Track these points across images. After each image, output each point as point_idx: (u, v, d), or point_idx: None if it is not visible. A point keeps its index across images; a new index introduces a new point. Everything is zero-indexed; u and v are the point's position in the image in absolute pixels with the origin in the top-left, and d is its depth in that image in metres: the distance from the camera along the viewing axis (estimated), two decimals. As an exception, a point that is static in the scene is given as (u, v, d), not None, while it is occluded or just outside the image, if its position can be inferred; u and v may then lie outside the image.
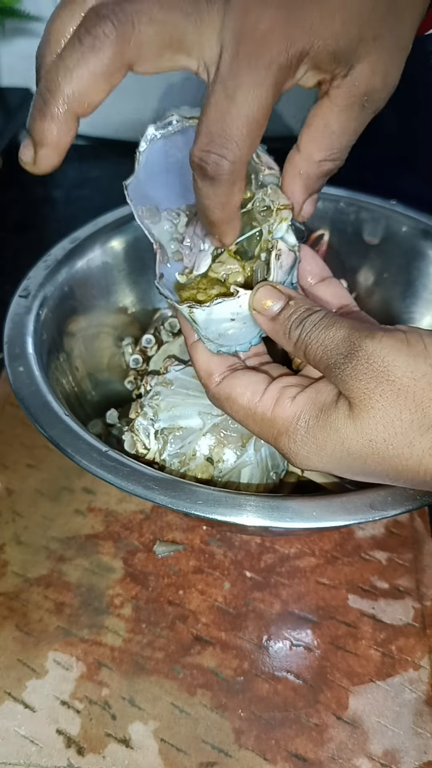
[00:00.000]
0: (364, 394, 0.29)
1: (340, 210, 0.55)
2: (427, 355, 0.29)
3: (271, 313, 0.34)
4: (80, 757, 0.38)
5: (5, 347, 0.43)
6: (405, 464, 0.29)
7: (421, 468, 0.29)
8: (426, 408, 0.28)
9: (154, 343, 0.49)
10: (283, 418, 0.32)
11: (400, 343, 0.29)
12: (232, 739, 0.39)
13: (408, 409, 0.28)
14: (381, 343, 0.29)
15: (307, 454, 0.31)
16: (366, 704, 0.41)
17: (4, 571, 0.47)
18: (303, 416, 0.32)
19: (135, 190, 0.37)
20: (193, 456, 0.40)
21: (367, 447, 0.29)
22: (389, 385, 0.28)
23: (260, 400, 0.34)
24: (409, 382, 0.28)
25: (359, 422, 0.29)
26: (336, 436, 0.30)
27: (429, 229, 0.52)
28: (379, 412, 0.29)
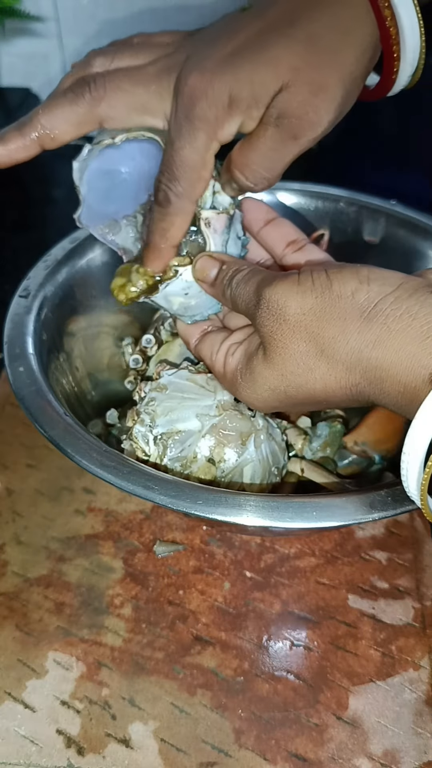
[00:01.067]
0: (269, 335, 0.33)
1: (340, 210, 0.55)
2: (313, 288, 0.32)
3: (210, 279, 0.39)
4: (80, 757, 0.38)
5: (5, 347, 0.43)
6: (313, 387, 0.33)
7: (328, 388, 0.32)
8: (316, 336, 0.32)
9: (154, 343, 0.49)
10: (229, 372, 0.38)
11: (291, 283, 0.33)
12: (232, 739, 0.39)
13: (303, 340, 0.32)
14: (276, 288, 0.33)
15: (249, 399, 0.37)
16: (366, 704, 0.41)
17: (4, 571, 0.47)
18: (239, 368, 0.37)
19: (89, 216, 0.41)
20: (194, 458, 0.40)
21: (282, 380, 0.34)
22: (285, 324, 0.32)
23: (216, 359, 0.39)
24: (300, 317, 0.32)
25: (270, 361, 0.34)
26: (260, 379, 0.35)
27: (429, 229, 0.52)
28: (282, 348, 0.33)
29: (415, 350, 0.28)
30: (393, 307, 0.29)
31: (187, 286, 0.40)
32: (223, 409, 0.41)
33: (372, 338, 0.30)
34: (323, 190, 0.56)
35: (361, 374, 0.31)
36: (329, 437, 0.47)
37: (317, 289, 0.32)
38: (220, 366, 0.39)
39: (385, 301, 0.30)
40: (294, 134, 0.36)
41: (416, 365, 0.28)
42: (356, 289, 0.31)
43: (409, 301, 0.29)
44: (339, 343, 0.31)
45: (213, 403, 0.41)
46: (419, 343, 0.28)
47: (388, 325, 0.29)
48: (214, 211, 0.40)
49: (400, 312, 0.29)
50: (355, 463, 0.47)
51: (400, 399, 0.30)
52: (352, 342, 0.30)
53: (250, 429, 0.41)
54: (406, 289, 0.30)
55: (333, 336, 0.31)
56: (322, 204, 0.55)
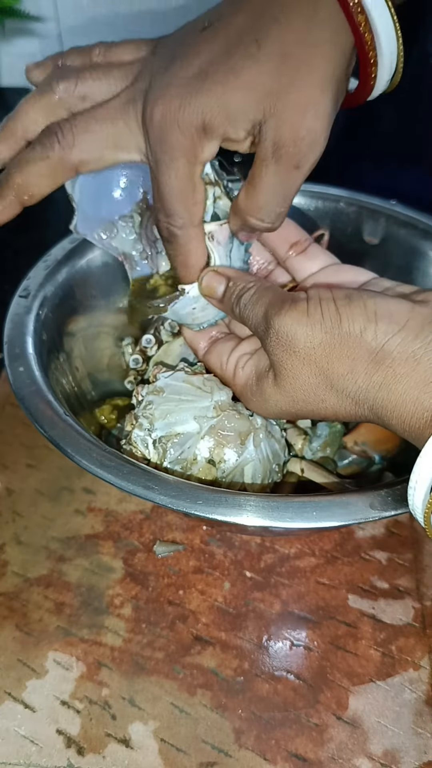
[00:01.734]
0: (280, 364, 0.34)
1: (340, 210, 0.55)
2: (322, 322, 0.32)
3: (218, 296, 0.40)
4: (80, 757, 0.38)
5: (5, 347, 0.43)
6: (325, 412, 0.34)
7: (338, 415, 0.34)
8: (326, 371, 0.33)
9: (154, 343, 0.49)
10: (240, 385, 0.39)
11: (300, 314, 0.33)
12: (232, 739, 0.39)
13: (313, 373, 0.33)
14: (285, 318, 0.33)
15: (258, 410, 0.38)
16: (366, 704, 0.40)
17: (4, 571, 0.47)
18: (249, 383, 0.38)
19: (84, 223, 0.42)
20: (195, 460, 0.40)
21: (293, 405, 0.35)
22: (295, 355, 0.33)
23: (226, 369, 0.41)
24: (309, 351, 0.33)
25: (281, 388, 0.35)
26: (270, 399, 0.36)
27: (429, 229, 0.52)
28: (293, 378, 0.34)
29: (418, 395, 0.30)
30: (399, 350, 0.30)
31: (195, 301, 0.41)
32: (221, 410, 0.41)
33: (379, 380, 0.31)
34: (323, 190, 0.56)
35: (368, 410, 0.32)
36: (329, 437, 0.47)
37: (326, 324, 0.32)
38: (230, 376, 0.40)
39: (392, 342, 0.31)
40: (296, 163, 0.35)
41: (419, 408, 0.30)
42: (365, 328, 0.31)
43: (414, 344, 0.30)
44: (348, 381, 0.32)
45: (210, 404, 0.41)
46: (422, 387, 0.30)
47: (394, 369, 0.30)
48: (216, 223, 0.40)
49: (405, 356, 0.30)
50: (355, 463, 0.47)
51: (406, 435, 0.31)
52: (360, 382, 0.32)
53: (249, 428, 0.41)
54: (412, 329, 0.31)
55: (342, 374, 0.32)
56: (322, 204, 0.55)
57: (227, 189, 0.41)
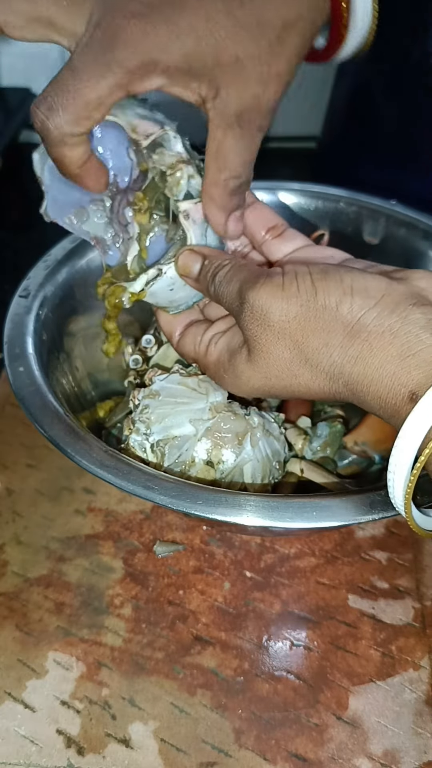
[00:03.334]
0: (254, 339, 0.33)
1: (340, 210, 0.55)
2: (298, 295, 0.32)
3: (194, 275, 0.39)
4: (80, 757, 0.38)
5: (5, 347, 0.43)
6: (297, 389, 0.34)
7: (311, 391, 0.33)
8: (300, 345, 0.32)
9: (154, 343, 0.49)
10: (212, 363, 0.38)
11: (275, 288, 0.32)
12: (232, 739, 0.39)
13: (287, 348, 0.32)
14: (260, 292, 0.33)
15: (231, 388, 0.37)
16: (366, 704, 0.40)
17: (4, 571, 0.47)
18: (221, 360, 0.37)
19: (55, 208, 0.41)
20: (193, 462, 0.40)
21: (266, 381, 0.34)
22: (270, 330, 0.33)
23: (199, 350, 0.40)
24: (284, 325, 0.32)
25: (254, 364, 0.34)
26: (243, 377, 0.35)
27: (429, 229, 0.52)
28: (266, 353, 0.33)
29: (395, 369, 0.29)
30: (375, 324, 0.30)
31: (172, 282, 0.40)
32: (216, 411, 0.41)
33: (354, 354, 0.30)
34: (323, 190, 0.55)
35: (343, 385, 0.31)
36: (329, 437, 0.47)
37: (302, 297, 0.32)
38: (203, 355, 0.39)
39: (367, 315, 0.30)
40: (258, 126, 0.36)
41: (396, 383, 0.29)
42: (340, 301, 0.31)
43: (390, 318, 0.30)
44: (322, 355, 0.31)
45: (206, 405, 0.41)
46: (399, 361, 0.29)
47: (370, 342, 0.30)
48: (191, 201, 0.39)
49: (381, 329, 0.30)
50: (355, 463, 0.47)
51: (381, 412, 0.30)
52: (335, 356, 0.31)
53: (246, 428, 0.41)
54: (388, 303, 0.30)
55: (317, 347, 0.31)
56: (322, 204, 0.55)
57: (200, 168, 0.40)
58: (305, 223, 0.55)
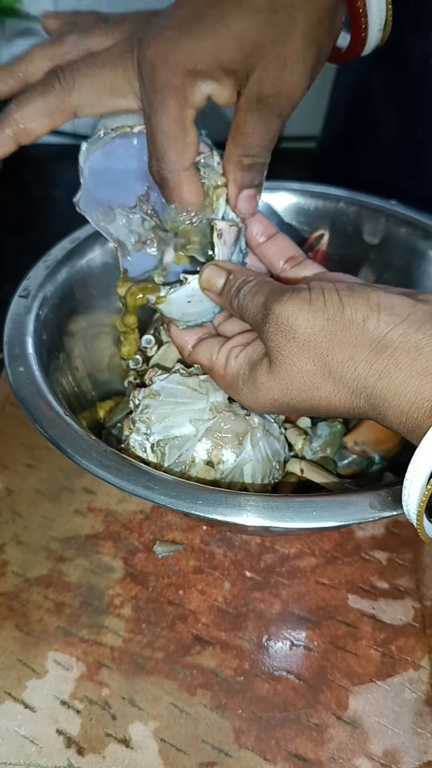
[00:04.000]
0: (277, 351, 0.34)
1: (340, 210, 0.55)
2: (325, 309, 0.32)
3: (217, 289, 0.39)
4: (80, 757, 0.38)
5: (5, 347, 0.43)
6: (318, 403, 0.34)
7: (331, 405, 0.33)
8: (325, 358, 0.32)
9: (154, 343, 0.49)
10: (230, 375, 0.38)
11: (302, 302, 0.33)
12: (232, 739, 0.39)
13: (311, 360, 0.33)
14: (286, 305, 0.33)
15: (249, 402, 0.37)
16: (366, 704, 0.40)
17: (4, 571, 0.47)
18: (241, 373, 0.37)
19: (86, 201, 0.42)
20: (193, 462, 0.40)
21: (286, 394, 0.34)
22: (294, 342, 0.33)
23: (217, 360, 0.40)
24: (310, 337, 0.32)
25: (276, 375, 0.34)
26: (263, 389, 0.35)
27: (429, 229, 0.52)
28: (289, 365, 0.33)
29: (419, 384, 0.29)
30: (402, 340, 0.30)
31: (191, 294, 0.41)
32: (217, 411, 0.41)
33: (379, 368, 0.31)
34: (323, 190, 0.55)
35: (365, 400, 0.32)
36: (329, 437, 0.47)
37: (329, 311, 0.32)
38: (221, 367, 0.39)
39: (394, 332, 0.30)
40: (277, 112, 0.37)
41: (419, 398, 0.29)
42: (367, 317, 0.31)
43: (417, 335, 0.30)
44: (347, 368, 0.32)
45: (206, 406, 0.41)
46: (423, 377, 0.29)
47: (396, 357, 0.30)
48: (227, 222, 0.40)
49: (408, 346, 0.30)
50: (355, 463, 0.47)
51: (402, 427, 0.31)
52: (360, 369, 0.31)
53: (246, 428, 0.41)
54: (414, 322, 0.31)
55: (342, 361, 0.32)
56: (322, 204, 0.55)
57: None
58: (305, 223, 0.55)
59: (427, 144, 0.65)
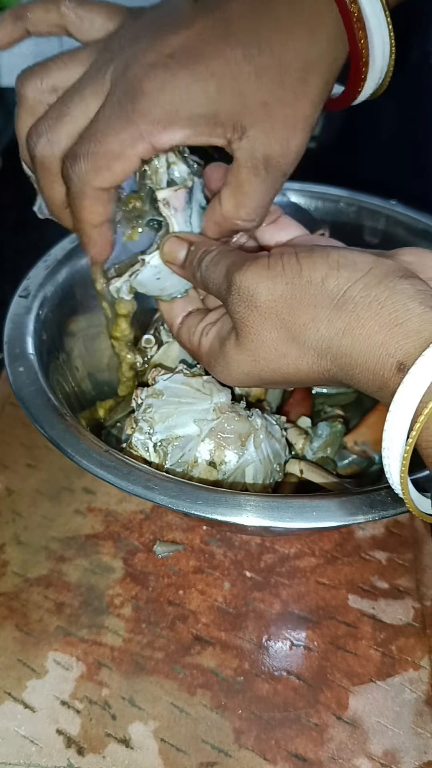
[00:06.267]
0: (241, 321, 0.33)
1: (340, 210, 0.55)
2: (283, 274, 0.31)
3: (179, 262, 0.38)
4: (80, 757, 0.38)
5: (5, 347, 0.43)
6: (287, 371, 0.33)
7: (301, 372, 0.32)
8: (287, 323, 0.31)
9: (154, 343, 0.49)
10: (205, 353, 0.38)
11: (261, 268, 0.32)
12: (232, 739, 0.39)
13: (274, 327, 0.32)
14: (246, 273, 0.32)
15: (225, 380, 0.37)
16: (366, 704, 0.40)
17: (4, 571, 0.47)
18: (212, 349, 0.37)
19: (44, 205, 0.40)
20: (195, 463, 0.40)
21: (255, 365, 0.34)
22: (256, 310, 0.32)
23: (193, 339, 0.39)
24: (270, 304, 0.32)
25: (243, 347, 0.34)
26: (233, 362, 0.35)
27: (429, 229, 0.52)
28: (254, 335, 0.33)
29: (383, 339, 0.28)
30: (362, 295, 0.29)
31: (158, 271, 0.40)
32: (221, 412, 0.41)
33: (341, 326, 0.30)
34: (323, 190, 0.56)
35: (331, 361, 0.31)
36: (329, 437, 0.47)
37: (287, 275, 0.31)
38: (196, 346, 0.39)
39: (354, 287, 0.30)
40: (284, 172, 0.36)
41: (383, 353, 0.28)
42: (326, 275, 0.30)
43: (377, 288, 0.29)
44: (309, 330, 0.31)
45: (210, 406, 0.41)
46: (387, 331, 0.28)
47: (357, 313, 0.29)
48: (170, 189, 0.38)
49: (369, 300, 0.29)
50: (355, 463, 0.47)
51: (370, 385, 0.30)
52: (322, 330, 0.30)
53: (249, 429, 0.41)
54: (375, 275, 0.30)
55: (303, 323, 0.31)
56: (322, 204, 0.55)
57: (182, 152, 0.40)
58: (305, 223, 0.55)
59: (427, 143, 0.65)
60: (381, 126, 0.67)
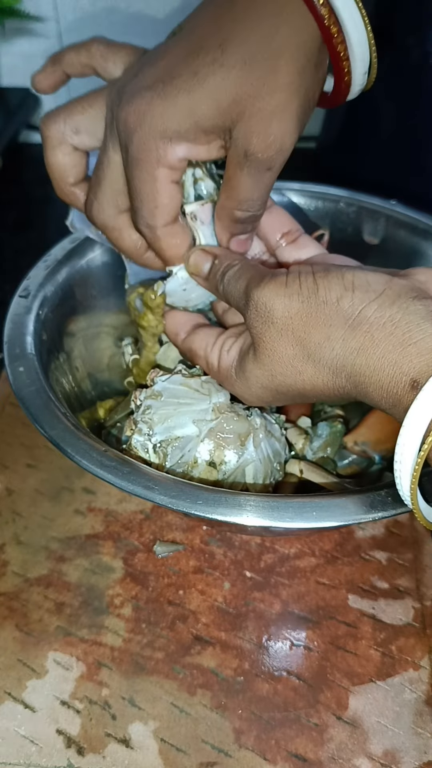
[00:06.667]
0: (258, 337, 0.34)
1: (340, 210, 0.55)
2: (300, 292, 0.32)
3: (204, 274, 0.40)
4: (80, 757, 0.38)
5: (5, 347, 0.43)
6: (303, 387, 0.34)
7: (316, 389, 0.33)
8: (303, 341, 0.32)
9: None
10: (223, 368, 0.38)
11: (278, 286, 0.33)
12: (232, 739, 0.39)
13: (290, 344, 0.33)
14: (264, 290, 0.33)
15: (243, 395, 0.37)
16: (366, 704, 0.41)
17: (4, 571, 0.47)
18: (233, 365, 0.37)
19: (81, 218, 0.43)
20: (195, 463, 0.40)
21: (272, 380, 0.34)
22: (273, 327, 0.33)
23: (210, 353, 0.40)
24: (287, 321, 0.32)
25: (260, 362, 0.34)
26: (252, 377, 0.35)
27: (429, 229, 0.52)
28: (271, 350, 0.33)
29: (397, 358, 0.29)
30: (376, 315, 0.30)
31: (184, 282, 0.41)
32: (219, 412, 0.40)
33: (356, 346, 0.30)
34: (323, 190, 0.55)
35: (346, 379, 0.31)
36: (329, 437, 0.47)
37: (303, 294, 0.32)
38: (215, 360, 0.39)
39: (368, 308, 0.30)
40: (267, 166, 0.36)
41: (397, 372, 0.29)
42: (341, 296, 0.31)
43: (391, 309, 0.30)
44: (325, 349, 0.31)
45: (208, 406, 0.41)
46: (401, 350, 0.29)
47: (372, 333, 0.30)
48: (198, 202, 0.40)
49: (383, 320, 0.30)
50: (355, 463, 0.47)
51: (384, 403, 0.30)
52: (337, 349, 0.31)
53: (248, 429, 0.41)
54: (389, 296, 0.30)
55: (319, 342, 0.32)
56: (322, 204, 0.55)
57: (209, 169, 0.41)
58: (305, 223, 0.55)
59: (427, 143, 0.65)
60: (381, 126, 0.67)
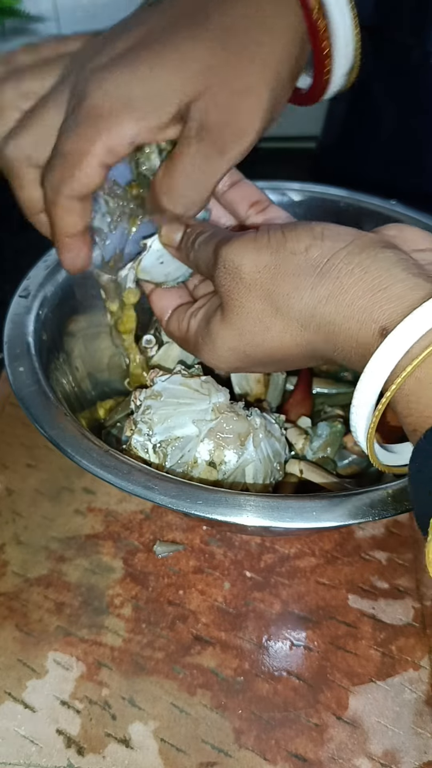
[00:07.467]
0: (227, 294, 0.33)
1: (340, 210, 0.55)
2: (268, 245, 0.31)
3: (175, 243, 0.38)
4: (80, 757, 0.38)
5: (5, 347, 0.43)
6: (270, 345, 0.33)
7: (284, 347, 0.32)
8: (271, 294, 0.31)
9: (154, 343, 0.49)
10: (192, 335, 0.37)
11: (247, 241, 0.32)
12: (232, 739, 0.39)
13: (259, 299, 0.32)
14: (232, 246, 0.32)
15: (211, 359, 0.36)
16: (366, 704, 0.40)
17: (4, 571, 0.47)
18: (199, 329, 0.36)
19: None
20: (195, 463, 0.40)
21: (240, 340, 0.33)
22: (241, 282, 0.32)
23: (182, 325, 0.39)
24: (255, 275, 0.31)
25: (228, 321, 0.33)
26: (219, 339, 0.34)
27: (429, 229, 0.52)
28: (239, 307, 0.33)
29: (366, 304, 0.28)
30: (345, 262, 0.29)
31: (160, 255, 0.40)
32: (219, 412, 0.41)
33: (325, 293, 0.30)
34: (323, 190, 0.55)
35: (315, 330, 0.31)
36: (329, 437, 0.47)
37: (272, 246, 0.31)
38: (184, 331, 0.38)
39: (337, 256, 0.30)
40: (219, 148, 0.34)
41: (367, 318, 0.28)
42: (310, 245, 0.31)
43: (360, 256, 0.29)
44: (293, 299, 0.31)
45: (208, 406, 0.41)
46: (370, 296, 0.28)
47: (341, 279, 0.29)
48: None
49: (352, 266, 0.29)
50: (355, 463, 0.47)
51: (353, 355, 0.30)
52: (306, 298, 0.30)
53: (248, 429, 0.41)
54: (358, 245, 0.30)
55: (287, 293, 0.31)
56: (322, 204, 0.55)
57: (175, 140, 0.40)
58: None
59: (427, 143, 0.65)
60: (381, 126, 0.67)
